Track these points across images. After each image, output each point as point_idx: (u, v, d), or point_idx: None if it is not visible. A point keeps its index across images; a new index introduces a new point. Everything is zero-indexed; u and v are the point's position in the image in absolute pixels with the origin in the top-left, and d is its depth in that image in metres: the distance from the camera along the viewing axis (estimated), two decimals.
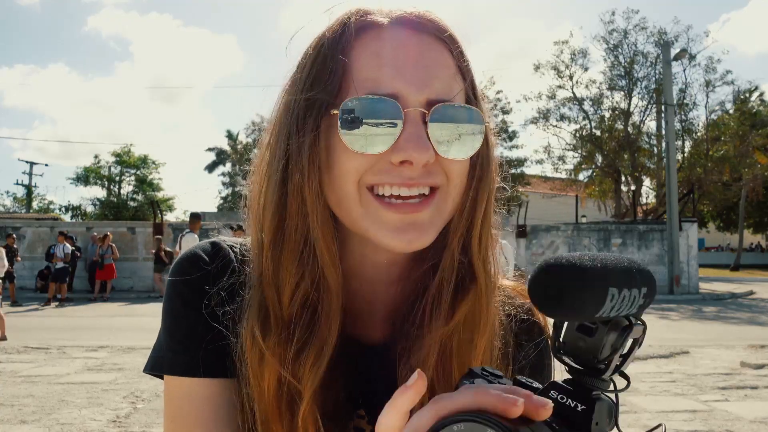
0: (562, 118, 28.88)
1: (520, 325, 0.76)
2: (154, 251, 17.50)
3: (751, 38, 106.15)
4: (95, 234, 18.68)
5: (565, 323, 0.48)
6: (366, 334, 0.75)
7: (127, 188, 43.05)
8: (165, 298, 0.74)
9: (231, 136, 45.93)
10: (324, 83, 0.64)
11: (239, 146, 45.68)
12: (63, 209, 42.58)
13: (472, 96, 0.69)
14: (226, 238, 0.77)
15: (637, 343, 0.49)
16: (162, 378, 0.74)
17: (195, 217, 10.12)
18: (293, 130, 0.65)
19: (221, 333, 0.69)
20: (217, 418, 0.69)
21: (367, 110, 0.62)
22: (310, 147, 0.64)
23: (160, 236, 17.75)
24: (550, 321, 0.78)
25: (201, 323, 0.70)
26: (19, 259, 16.21)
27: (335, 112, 0.62)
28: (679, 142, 27.35)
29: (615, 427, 0.47)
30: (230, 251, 0.74)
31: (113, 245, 17.48)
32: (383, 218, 0.63)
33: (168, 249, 17.21)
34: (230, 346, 0.68)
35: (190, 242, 9.37)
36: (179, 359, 0.71)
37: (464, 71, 0.68)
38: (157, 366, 0.73)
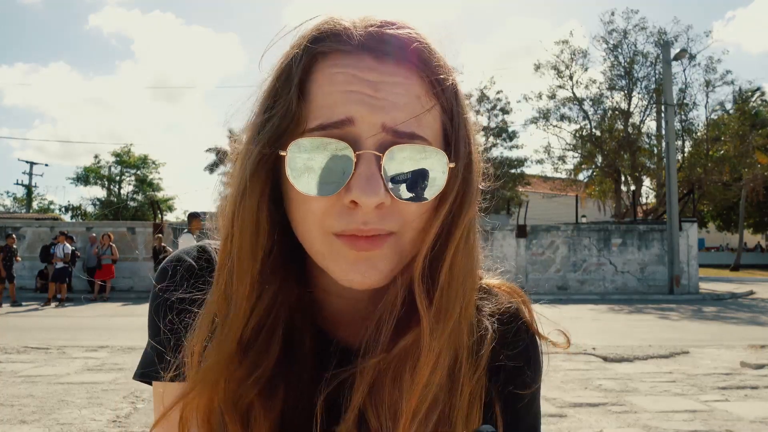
0: (562, 118, 28.89)
1: (504, 327, 0.73)
2: (153, 248, 17.49)
3: (756, 36, 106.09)
4: (93, 235, 18.70)
5: None
6: (347, 337, 0.74)
7: (127, 188, 43.09)
8: (150, 304, 0.74)
9: (232, 136, 45.87)
10: (278, 115, 0.62)
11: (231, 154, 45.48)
12: (63, 209, 42.62)
13: (448, 123, 0.64)
14: (215, 243, 0.76)
15: None
16: (151, 384, 0.74)
17: (193, 216, 9.71)
18: (248, 161, 0.63)
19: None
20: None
21: (317, 149, 0.59)
22: (251, 184, 0.62)
23: (160, 235, 17.75)
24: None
25: (184, 327, 0.70)
26: (19, 259, 16.21)
27: (282, 153, 0.60)
28: (679, 142, 27.35)
29: None
30: (215, 254, 0.74)
31: (113, 245, 17.48)
32: (342, 255, 0.61)
33: (168, 248, 17.23)
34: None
35: (187, 242, 9.14)
36: (164, 364, 0.71)
37: (440, 97, 0.63)
38: (145, 373, 0.73)
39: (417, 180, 0.60)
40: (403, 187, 0.60)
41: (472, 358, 0.69)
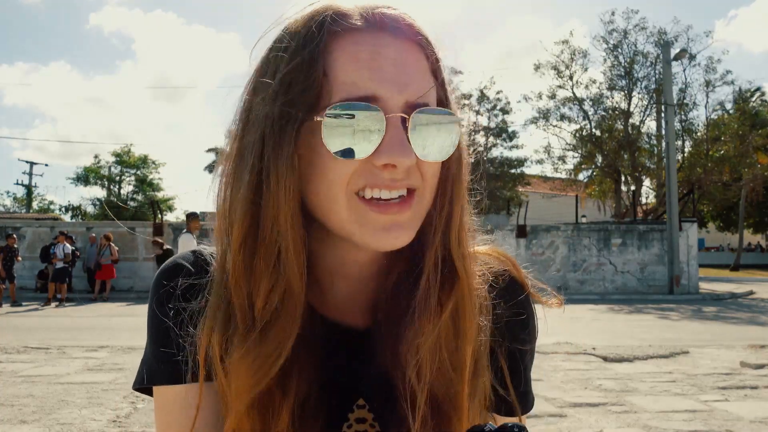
0: (562, 118, 28.89)
1: (500, 289, 0.78)
2: (154, 255, 17.47)
3: (757, 36, 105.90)
4: (93, 235, 18.70)
5: None
6: (352, 322, 0.76)
7: (127, 188, 43.09)
8: (148, 310, 0.74)
9: None
10: (301, 88, 0.63)
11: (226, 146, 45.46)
12: (63, 209, 42.61)
13: (443, 97, 0.71)
14: (209, 247, 0.77)
15: None
16: (150, 394, 0.74)
17: (191, 216, 9.61)
18: (269, 136, 0.64)
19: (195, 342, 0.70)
20: (207, 423, 0.70)
21: (349, 116, 0.62)
22: (289, 155, 0.63)
23: (160, 237, 17.73)
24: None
25: (183, 331, 0.70)
26: (19, 259, 16.22)
27: (318, 119, 0.62)
28: (679, 142, 27.35)
29: None
30: (212, 260, 0.74)
31: (112, 245, 17.46)
32: (370, 220, 0.65)
33: (168, 246, 17.21)
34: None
35: (186, 243, 9.06)
36: (165, 368, 0.71)
37: (437, 73, 0.70)
38: (145, 379, 0.74)
39: (438, 140, 0.66)
40: (427, 147, 0.65)
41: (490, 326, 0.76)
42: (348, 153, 0.62)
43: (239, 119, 0.69)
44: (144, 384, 0.74)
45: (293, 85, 0.64)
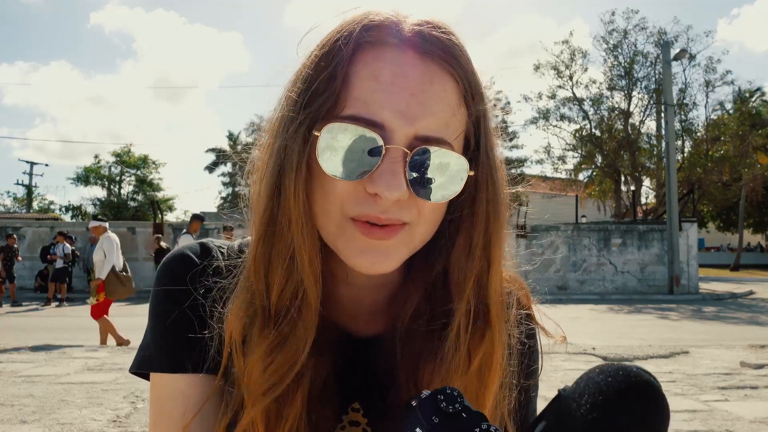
0: (562, 118, 28.88)
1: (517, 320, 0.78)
2: (153, 252, 17.51)
3: (759, 35, 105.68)
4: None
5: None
6: (355, 327, 0.76)
7: (127, 188, 43.09)
8: (151, 297, 0.75)
9: (232, 137, 45.99)
10: (321, 97, 0.63)
11: (239, 146, 45.61)
12: (63, 209, 42.61)
13: (473, 130, 0.68)
14: (216, 241, 0.78)
15: None
16: (147, 378, 0.74)
17: (195, 218, 9.94)
18: (289, 141, 0.65)
19: (206, 330, 0.70)
20: (203, 414, 0.70)
21: (349, 136, 0.61)
22: (298, 163, 0.63)
23: (160, 235, 17.76)
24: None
25: (186, 320, 0.70)
26: (20, 258, 16.23)
27: (316, 132, 0.62)
28: (679, 142, 27.35)
29: None
30: (218, 253, 0.75)
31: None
32: (355, 240, 0.64)
33: (165, 245, 17.26)
34: (215, 339, 0.69)
35: (185, 243, 9.29)
36: (165, 356, 0.71)
37: (469, 103, 0.66)
38: (144, 364, 0.73)
39: (437, 182, 0.63)
40: (423, 185, 0.63)
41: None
42: (338, 173, 0.62)
43: (274, 119, 0.69)
44: (142, 370, 0.74)
45: (315, 93, 0.64)
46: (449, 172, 0.64)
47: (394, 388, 0.71)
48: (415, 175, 0.62)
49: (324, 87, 0.63)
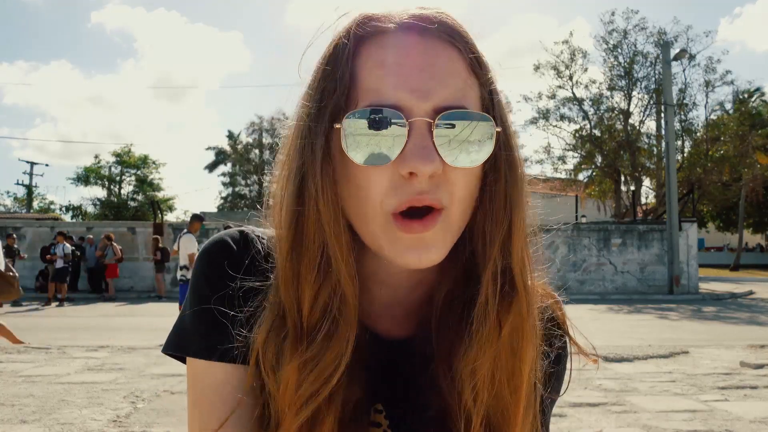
0: (562, 118, 28.88)
1: (545, 326, 0.76)
2: (153, 254, 17.55)
3: (761, 34, 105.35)
4: (90, 236, 18.72)
5: None
6: (385, 329, 0.75)
7: (127, 188, 43.10)
8: (192, 282, 0.74)
9: (232, 137, 45.96)
10: (332, 95, 0.64)
11: (239, 146, 45.66)
12: (63, 209, 42.61)
13: (488, 99, 0.67)
14: (255, 228, 0.77)
15: None
16: (180, 360, 0.74)
17: (195, 218, 9.97)
18: (307, 140, 0.65)
19: (244, 321, 0.69)
20: (241, 405, 0.69)
21: (369, 123, 0.61)
22: (322, 161, 0.63)
23: (158, 236, 17.78)
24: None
25: (227, 309, 0.70)
26: (23, 256, 16.25)
27: (337, 126, 0.62)
28: (679, 142, 27.34)
29: None
30: (258, 241, 0.74)
31: (115, 245, 17.51)
32: (398, 238, 0.63)
33: (163, 246, 17.30)
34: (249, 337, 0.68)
35: (187, 243, 9.39)
36: (206, 343, 0.70)
37: (478, 73, 0.66)
38: (181, 347, 0.72)
39: (467, 146, 0.63)
40: (455, 153, 0.62)
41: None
42: (367, 160, 0.62)
43: (289, 136, 0.69)
44: (179, 352, 0.73)
45: (326, 93, 0.64)
46: (476, 134, 0.63)
47: (416, 389, 0.70)
48: (443, 145, 0.61)
49: (333, 88, 0.64)
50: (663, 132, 22.56)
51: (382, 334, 0.74)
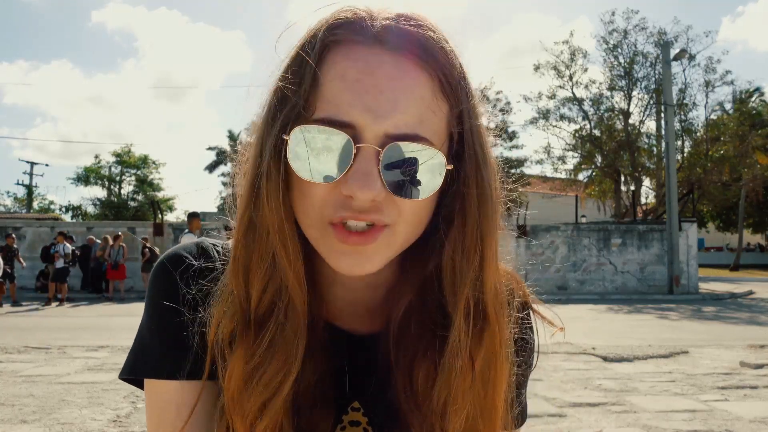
0: (562, 118, 28.88)
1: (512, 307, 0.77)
2: (143, 254, 17.60)
3: (763, 34, 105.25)
4: (91, 237, 18.72)
5: None
6: (349, 325, 0.75)
7: (127, 188, 43.10)
8: (147, 299, 0.73)
9: (232, 137, 45.95)
10: (290, 103, 0.62)
11: (239, 146, 45.53)
12: (63, 209, 42.61)
13: (455, 124, 0.65)
14: (212, 240, 0.76)
15: None
16: (137, 385, 0.72)
17: (193, 216, 9.89)
18: (264, 147, 0.64)
19: (202, 334, 0.68)
20: (200, 422, 0.68)
21: (319, 139, 0.60)
22: (273, 167, 0.63)
23: (146, 237, 17.87)
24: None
25: (183, 324, 0.68)
26: (22, 261, 16.25)
27: (285, 137, 0.61)
28: (679, 142, 27.34)
29: None
30: (214, 252, 0.73)
31: (124, 246, 17.53)
32: (334, 245, 0.63)
33: (150, 247, 17.36)
34: (208, 344, 0.67)
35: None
36: (159, 361, 0.69)
37: (448, 96, 0.64)
38: (137, 369, 0.71)
39: (413, 178, 0.61)
40: (398, 183, 0.61)
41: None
42: (309, 176, 0.61)
43: (257, 126, 0.68)
44: (135, 375, 0.71)
45: (286, 99, 0.63)
46: (425, 167, 0.61)
47: (392, 386, 0.70)
48: (389, 173, 0.60)
49: (293, 92, 0.62)
50: (663, 132, 22.56)
51: (351, 330, 0.74)
